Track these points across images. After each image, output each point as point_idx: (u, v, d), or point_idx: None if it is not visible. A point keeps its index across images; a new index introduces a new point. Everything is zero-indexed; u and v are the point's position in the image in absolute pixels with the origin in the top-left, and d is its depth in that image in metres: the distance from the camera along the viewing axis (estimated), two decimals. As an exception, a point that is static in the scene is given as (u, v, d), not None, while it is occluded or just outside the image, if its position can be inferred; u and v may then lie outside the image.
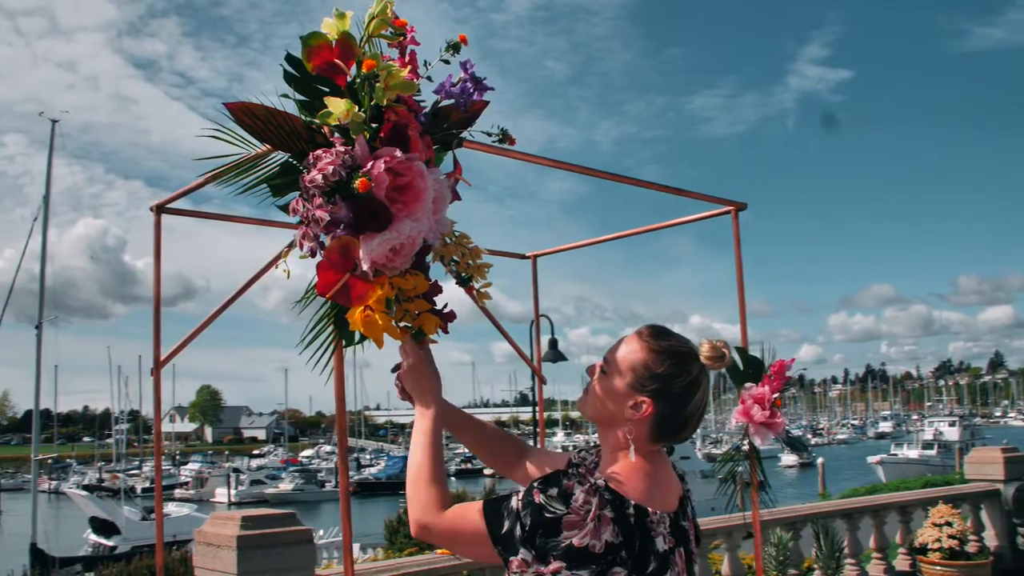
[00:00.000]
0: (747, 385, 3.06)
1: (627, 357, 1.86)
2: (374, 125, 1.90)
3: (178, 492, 54.89)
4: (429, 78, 2.10)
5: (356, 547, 20.27)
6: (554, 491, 1.65)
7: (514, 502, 1.68)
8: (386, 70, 1.88)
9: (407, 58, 2.05)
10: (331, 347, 2.05)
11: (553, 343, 15.72)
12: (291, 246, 1.95)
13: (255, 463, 72.80)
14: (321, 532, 23.27)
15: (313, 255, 1.88)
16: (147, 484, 55.88)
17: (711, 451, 57.11)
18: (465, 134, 2.16)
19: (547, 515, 1.63)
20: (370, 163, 1.82)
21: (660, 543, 1.73)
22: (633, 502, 1.71)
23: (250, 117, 1.83)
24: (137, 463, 67.33)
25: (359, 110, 1.87)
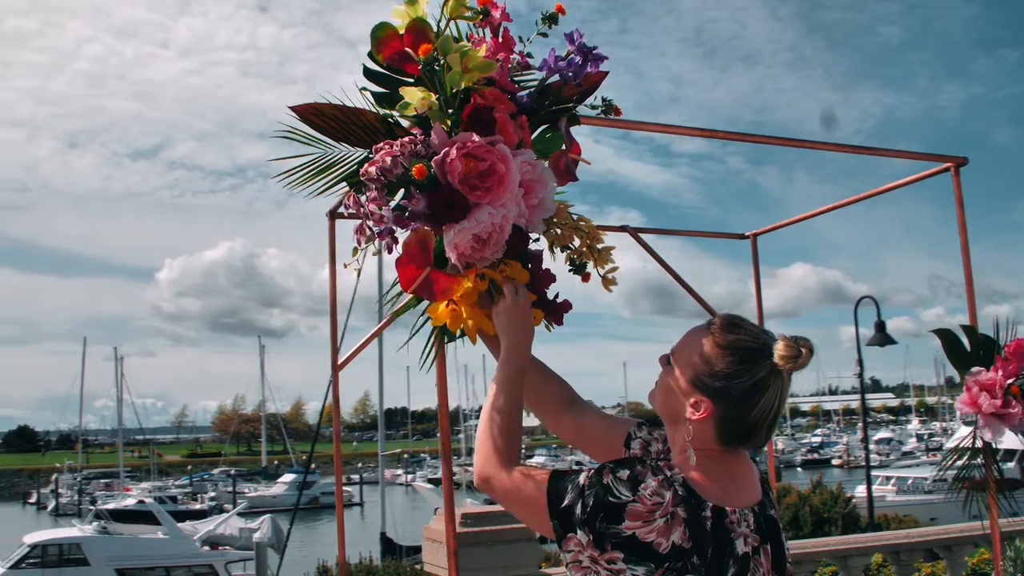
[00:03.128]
0: (974, 369, 2.62)
1: (690, 350, 1.64)
2: (451, 111, 1.82)
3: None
4: (530, 55, 1.98)
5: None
6: (624, 473, 1.50)
7: (582, 478, 1.54)
8: (459, 52, 1.79)
9: (500, 37, 1.94)
10: (433, 344, 1.99)
11: (880, 326, 16.00)
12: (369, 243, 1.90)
13: (601, 456, 74.24)
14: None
15: (390, 251, 1.83)
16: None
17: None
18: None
19: (611, 499, 1.48)
20: (444, 150, 1.74)
21: (740, 545, 1.53)
22: (711, 504, 1.52)
23: (319, 117, 1.82)
24: (484, 457, 70.93)
25: (435, 97, 1.79)
